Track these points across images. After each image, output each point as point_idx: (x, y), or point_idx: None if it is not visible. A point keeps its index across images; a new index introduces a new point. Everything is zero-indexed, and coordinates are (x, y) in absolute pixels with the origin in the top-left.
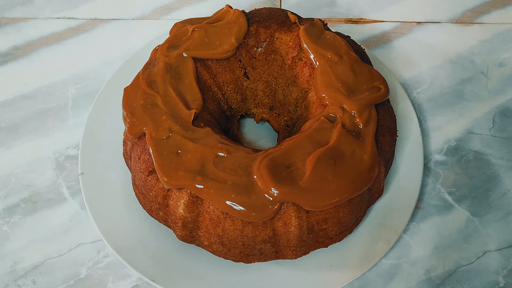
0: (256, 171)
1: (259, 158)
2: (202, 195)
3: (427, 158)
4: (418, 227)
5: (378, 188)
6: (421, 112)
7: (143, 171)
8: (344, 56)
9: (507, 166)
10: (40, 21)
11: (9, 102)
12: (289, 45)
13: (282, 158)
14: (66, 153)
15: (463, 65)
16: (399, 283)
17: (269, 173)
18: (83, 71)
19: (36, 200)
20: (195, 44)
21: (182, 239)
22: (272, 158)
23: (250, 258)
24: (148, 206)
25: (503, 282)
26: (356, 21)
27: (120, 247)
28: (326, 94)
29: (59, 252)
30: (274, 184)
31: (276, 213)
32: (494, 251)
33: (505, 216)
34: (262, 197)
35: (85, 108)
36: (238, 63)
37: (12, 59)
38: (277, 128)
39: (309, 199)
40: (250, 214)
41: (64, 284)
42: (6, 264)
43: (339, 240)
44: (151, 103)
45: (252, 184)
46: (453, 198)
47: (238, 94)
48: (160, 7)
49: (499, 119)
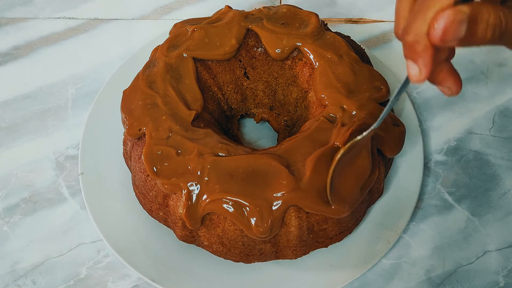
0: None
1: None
2: (200, 197)
3: (427, 158)
4: (418, 227)
5: (378, 188)
6: (421, 112)
7: (143, 171)
8: (344, 56)
9: (507, 166)
10: (40, 21)
11: (9, 102)
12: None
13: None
14: (66, 153)
15: (463, 65)
16: (399, 283)
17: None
18: (83, 71)
19: (36, 200)
20: (195, 45)
21: (182, 239)
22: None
23: (250, 258)
24: (148, 206)
25: (503, 282)
26: (356, 21)
27: (120, 247)
28: (326, 94)
29: (59, 252)
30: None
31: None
32: (494, 251)
33: (505, 216)
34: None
35: (85, 108)
36: (238, 63)
37: (12, 59)
38: (277, 128)
39: (309, 201)
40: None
41: (64, 284)
42: (6, 264)
43: (339, 240)
44: (151, 103)
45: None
46: (453, 198)
47: (238, 94)
48: (160, 7)
49: (499, 119)
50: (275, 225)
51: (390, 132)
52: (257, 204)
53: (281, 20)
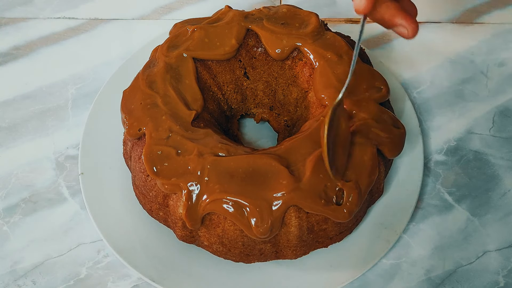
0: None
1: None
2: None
3: (427, 158)
4: (418, 227)
5: (378, 188)
6: (421, 112)
7: (143, 171)
8: (344, 56)
9: (507, 166)
10: (40, 21)
11: (9, 102)
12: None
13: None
14: (66, 153)
15: (463, 65)
16: (399, 283)
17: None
18: (83, 71)
19: (36, 200)
20: (195, 45)
21: (182, 239)
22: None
23: (250, 258)
24: (148, 206)
25: (503, 282)
26: (356, 21)
27: (120, 247)
28: (326, 94)
29: (59, 252)
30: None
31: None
32: (494, 251)
33: (505, 216)
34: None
35: (85, 108)
36: (238, 63)
37: (12, 59)
38: (277, 128)
39: (309, 201)
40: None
41: (64, 284)
42: (6, 264)
43: (339, 240)
44: (151, 103)
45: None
46: (453, 198)
47: (238, 94)
48: (160, 7)
49: (499, 119)
50: (275, 226)
51: (391, 134)
52: (257, 205)
53: (281, 20)
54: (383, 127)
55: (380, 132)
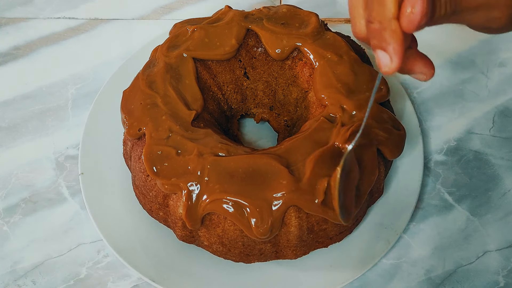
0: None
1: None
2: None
3: (427, 158)
4: (418, 227)
5: (378, 188)
6: (421, 112)
7: (143, 171)
8: (344, 56)
9: (507, 166)
10: (40, 21)
11: (9, 102)
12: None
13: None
14: (66, 153)
15: (463, 65)
16: (399, 283)
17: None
18: (83, 71)
19: (36, 200)
20: (195, 45)
21: (182, 239)
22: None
23: (250, 258)
24: (148, 206)
25: (503, 282)
26: None
27: (120, 247)
28: (326, 94)
29: (59, 252)
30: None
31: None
32: (494, 251)
33: (505, 216)
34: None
35: (85, 108)
36: (238, 63)
37: (12, 59)
38: (277, 128)
39: (309, 201)
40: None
41: (64, 284)
42: (6, 264)
43: (339, 240)
44: (151, 103)
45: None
46: (453, 198)
47: (238, 94)
48: (160, 7)
49: (499, 119)
50: (275, 226)
51: (391, 135)
52: (257, 205)
53: (281, 20)
54: (383, 127)
55: (380, 132)
